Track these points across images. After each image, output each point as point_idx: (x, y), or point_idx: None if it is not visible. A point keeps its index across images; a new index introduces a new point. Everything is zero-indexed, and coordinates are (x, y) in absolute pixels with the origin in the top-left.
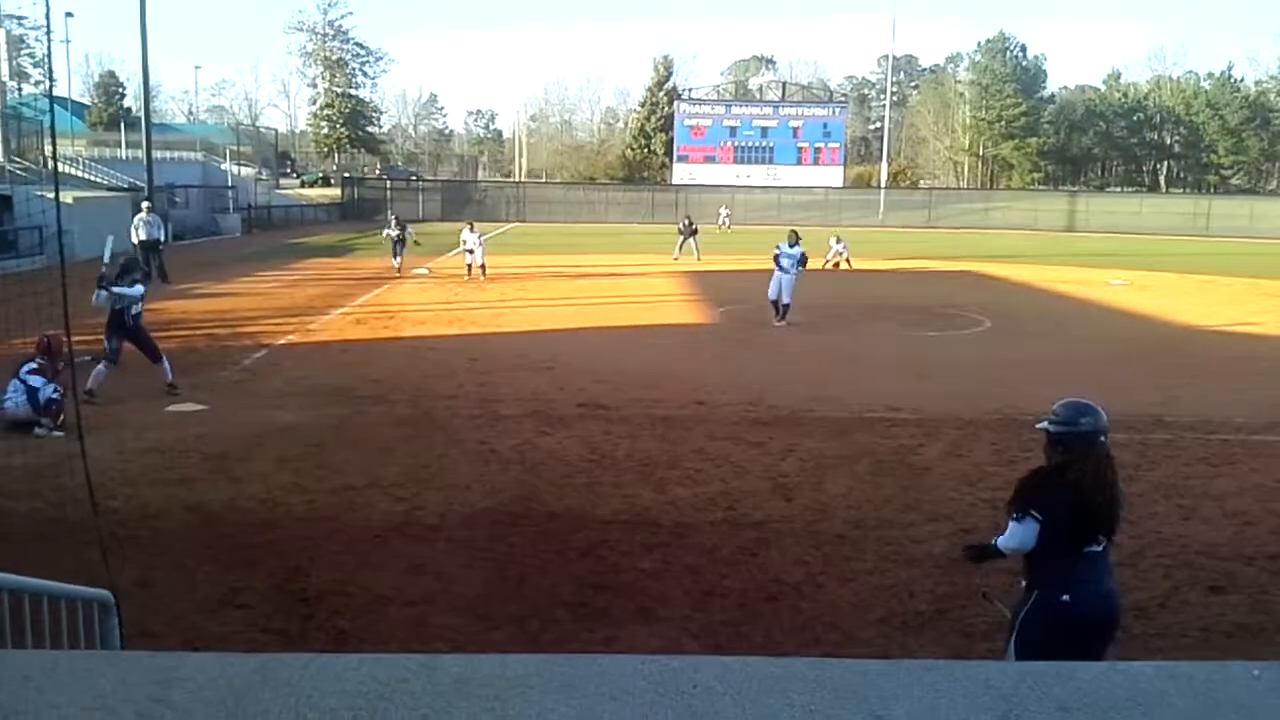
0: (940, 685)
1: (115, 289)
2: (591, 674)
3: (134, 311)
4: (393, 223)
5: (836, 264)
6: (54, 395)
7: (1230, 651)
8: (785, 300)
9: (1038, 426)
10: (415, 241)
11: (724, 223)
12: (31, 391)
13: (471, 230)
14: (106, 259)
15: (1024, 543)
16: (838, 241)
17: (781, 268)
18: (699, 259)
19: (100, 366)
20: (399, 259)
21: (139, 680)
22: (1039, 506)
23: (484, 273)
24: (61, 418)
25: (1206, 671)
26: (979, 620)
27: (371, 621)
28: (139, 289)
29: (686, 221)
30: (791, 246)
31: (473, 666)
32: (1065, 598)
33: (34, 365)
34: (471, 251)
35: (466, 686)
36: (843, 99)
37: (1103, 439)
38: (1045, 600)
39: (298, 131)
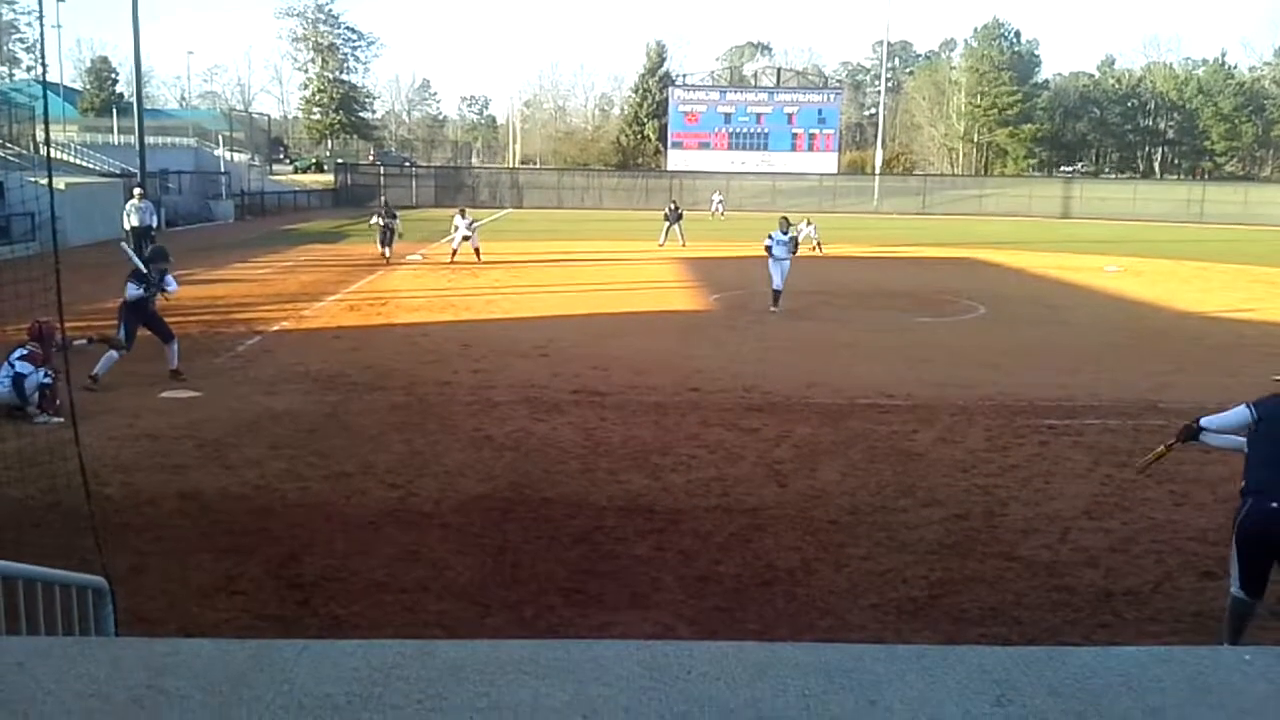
0: (934, 670)
1: (168, 281)
2: (585, 659)
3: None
4: (382, 209)
5: (813, 248)
6: (45, 380)
7: (1222, 637)
8: (777, 286)
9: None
10: (399, 234)
11: (717, 209)
12: (18, 378)
13: (463, 216)
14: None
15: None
16: (808, 224)
17: (775, 255)
18: (684, 244)
19: (112, 353)
20: (388, 248)
21: (133, 667)
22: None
23: (478, 256)
24: (58, 402)
25: (1198, 656)
26: (972, 606)
27: (366, 607)
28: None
29: (672, 206)
30: (784, 234)
31: (467, 652)
32: (1275, 504)
33: (25, 351)
34: (468, 238)
35: (461, 672)
36: (838, 85)
37: None
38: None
39: (291, 117)
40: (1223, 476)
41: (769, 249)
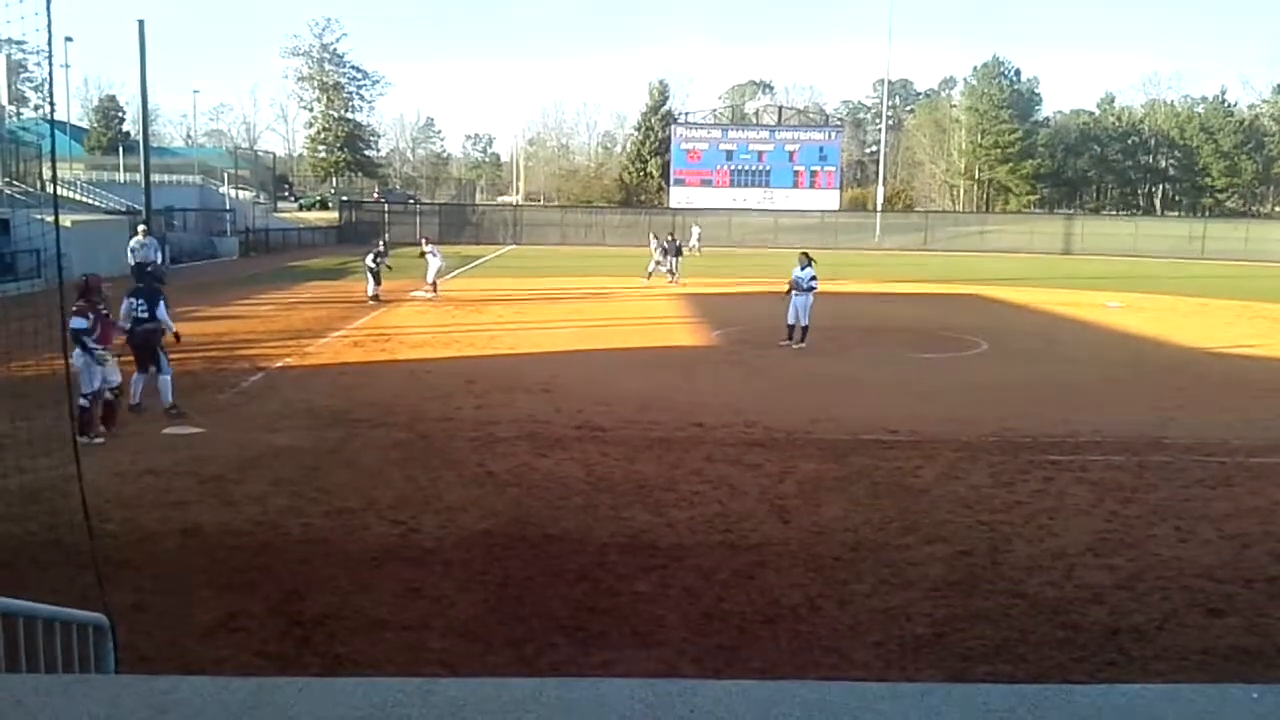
0: (938, 708)
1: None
2: (588, 698)
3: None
4: (381, 247)
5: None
6: (82, 403)
7: (1229, 674)
8: (803, 323)
9: None
10: (388, 266)
11: (694, 246)
12: (75, 334)
13: (427, 244)
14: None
15: None
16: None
17: (796, 290)
18: (681, 281)
19: (164, 378)
20: (379, 287)
21: (134, 705)
22: None
23: (434, 289)
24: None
25: (1205, 694)
26: (977, 643)
27: (367, 645)
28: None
29: (670, 239)
30: (803, 269)
31: (469, 690)
32: None
33: (74, 307)
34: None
35: (462, 711)
36: (839, 123)
37: None
38: None
39: (296, 155)
40: (1227, 513)
41: (796, 284)
